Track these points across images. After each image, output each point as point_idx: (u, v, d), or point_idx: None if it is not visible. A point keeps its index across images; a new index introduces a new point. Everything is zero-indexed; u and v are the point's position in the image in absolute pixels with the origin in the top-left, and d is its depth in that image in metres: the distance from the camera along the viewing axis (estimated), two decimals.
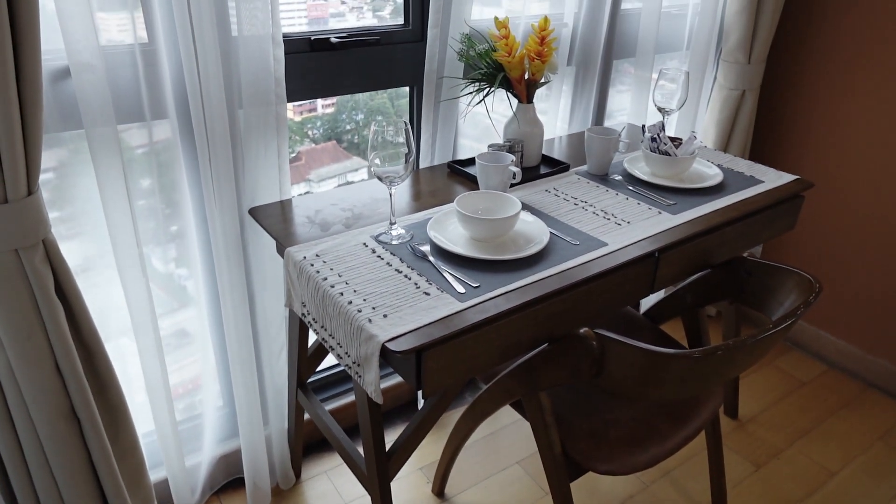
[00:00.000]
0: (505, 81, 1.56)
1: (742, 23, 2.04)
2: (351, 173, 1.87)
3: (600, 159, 1.61)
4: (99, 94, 1.15)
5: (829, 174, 2.21)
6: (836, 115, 2.16)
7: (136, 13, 1.19)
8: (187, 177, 1.38)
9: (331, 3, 1.59)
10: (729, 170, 1.69)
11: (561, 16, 1.84)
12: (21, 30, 0.92)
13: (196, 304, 1.51)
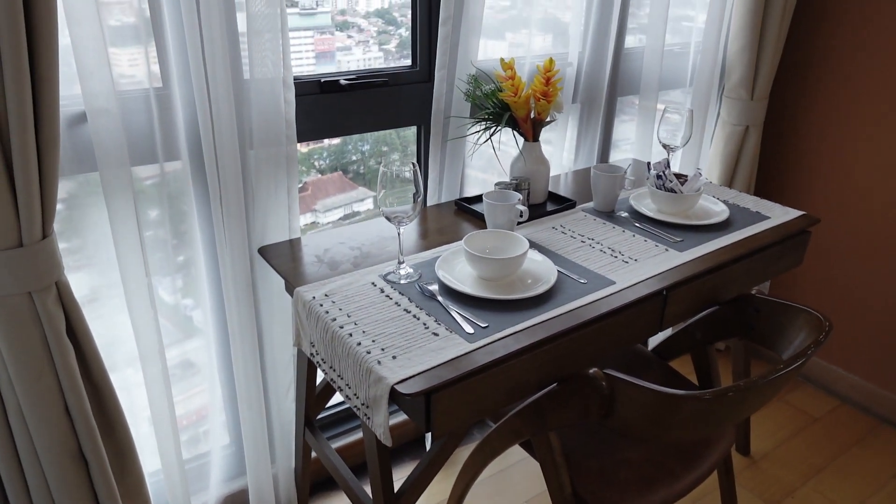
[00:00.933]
0: (511, 120, 1.58)
1: (744, 61, 2.07)
2: (357, 203, 1.89)
3: (606, 196, 1.62)
4: (114, 138, 1.17)
5: (835, 209, 2.21)
6: (840, 150, 2.17)
7: (149, 47, 1.22)
8: (198, 216, 1.40)
9: (337, 38, 1.63)
10: (735, 205, 1.70)
11: (565, 55, 1.87)
12: (41, 77, 0.95)
13: (204, 338, 1.52)
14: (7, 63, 0.90)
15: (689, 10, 2.16)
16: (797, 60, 2.22)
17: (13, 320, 1.04)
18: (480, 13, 1.56)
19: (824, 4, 2.12)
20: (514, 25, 1.82)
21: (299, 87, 1.43)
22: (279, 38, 1.28)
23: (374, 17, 1.67)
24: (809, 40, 2.18)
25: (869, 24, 2.03)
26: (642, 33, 2.07)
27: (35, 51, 0.93)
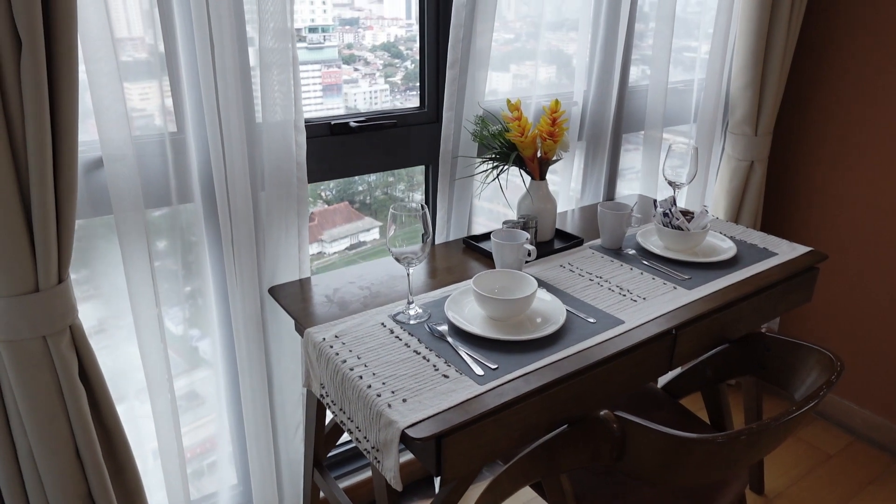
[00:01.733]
0: (518, 160, 1.60)
1: (747, 98, 2.10)
2: (363, 233, 1.90)
3: (613, 234, 1.63)
4: (129, 182, 1.19)
5: (843, 244, 2.21)
6: (846, 184, 2.18)
7: (165, 97, 1.25)
8: (210, 257, 1.41)
9: (344, 71, 1.67)
10: (742, 241, 1.71)
11: (571, 94, 1.90)
12: (61, 127, 0.97)
13: (212, 370, 1.52)
14: (29, 115, 0.93)
15: (692, 42, 2.20)
16: (800, 96, 2.25)
17: (27, 364, 1.05)
18: (487, 53, 1.59)
19: (825, 42, 2.16)
20: (519, 57, 1.85)
21: (310, 129, 1.46)
22: (290, 72, 1.31)
23: (380, 50, 1.71)
24: (812, 77, 2.21)
25: (870, 61, 2.06)
26: (646, 64, 2.10)
27: (56, 102, 0.96)
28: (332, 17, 1.61)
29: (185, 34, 1.23)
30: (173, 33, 1.22)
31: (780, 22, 2.02)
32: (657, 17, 1.94)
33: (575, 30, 1.86)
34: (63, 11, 0.91)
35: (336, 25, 1.62)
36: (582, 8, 1.81)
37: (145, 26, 1.20)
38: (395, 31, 1.72)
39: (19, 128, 0.94)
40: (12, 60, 0.92)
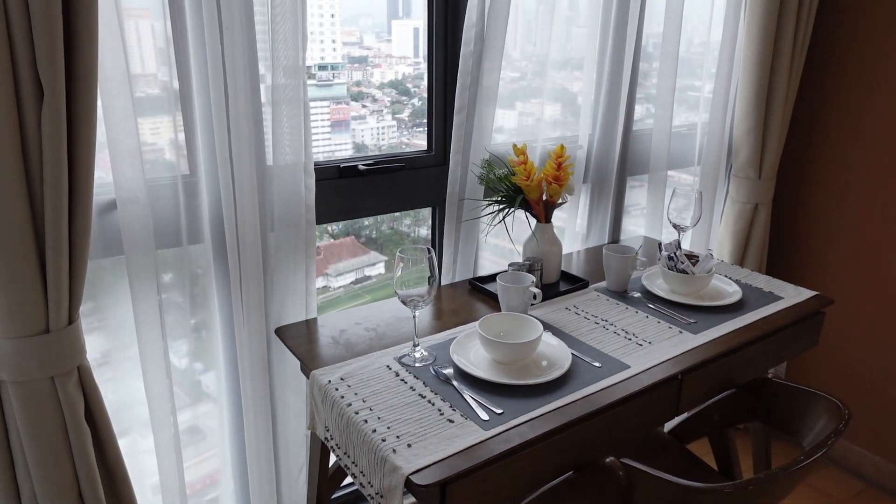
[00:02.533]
0: (524, 203, 1.62)
1: (750, 142, 2.13)
2: (368, 268, 1.91)
3: (619, 276, 1.64)
4: (142, 224, 1.22)
5: (849, 288, 2.21)
6: (850, 228, 2.19)
7: (179, 141, 1.28)
8: (217, 297, 1.43)
9: (352, 108, 1.70)
10: (747, 285, 1.71)
11: (576, 137, 1.93)
12: (77, 172, 1.00)
13: (217, 409, 1.51)
14: (47, 161, 0.95)
15: (696, 81, 2.23)
16: (803, 140, 2.28)
17: (34, 405, 1.05)
18: (495, 91, 1.62)
19: (827, 87, 2.19)
20: (525, 96, 1.89)
21: (319, 171, 1.48)
22: (300, 112, 1.34)
23: (388, 87, 1.75)
24: (814, 121, 2.24)
25: (872, 106, 2.09)
26: (650, 103, 2.13)
27: (73, 149, 0.99)
28: (342, 56, 1.65)
29: (199, 71, 1.26)
30: (188, 71, 1.25)
31: (781, 68, 2.06)
32: (661, 57, 1.98)
33: (580, 69, 1.90)
34: (85, 63, 0.95)
35: (345, 63, 1.67)
36: (587, 47, 1.85)
37: (159, 63, 1.24)
38: (402, 69, 1.76)
39: (37, 173, 0.97)
40: (34, 108, 0.95)
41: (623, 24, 1.83)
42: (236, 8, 1.21)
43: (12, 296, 1.00)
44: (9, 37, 0.91)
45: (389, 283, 1.99)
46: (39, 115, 0.95)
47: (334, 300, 1.90)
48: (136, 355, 1.30)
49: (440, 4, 1.61)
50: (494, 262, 1.93)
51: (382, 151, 1.74)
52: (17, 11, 0.90)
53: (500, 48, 1.60)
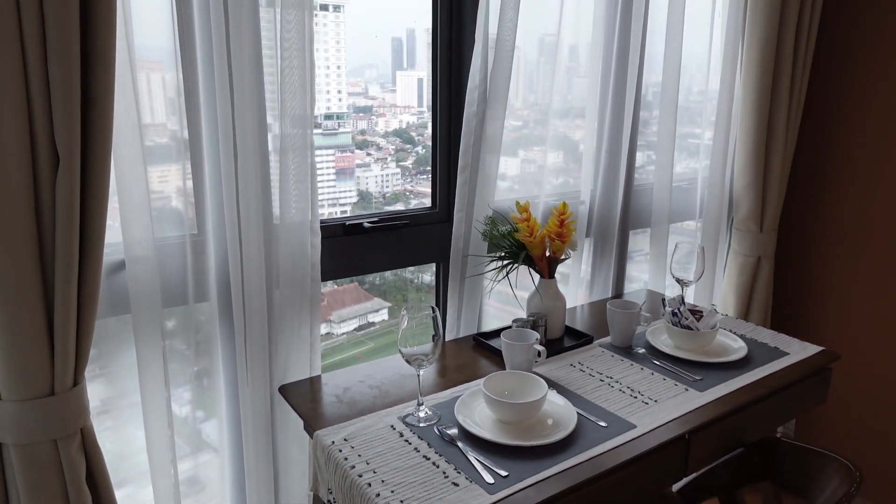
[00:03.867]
0: (527, 259, 1.63)
1: (751, 196, 2.15)
2: (372, 314, 1.91)
3: (623, 332, 1.63)
4: (149, 284, 1.23)
5: (855, 342, 2.20)
6: (854, 281, 2.19)
7: (186, 165, 1.30)
8: (222, 354, 1.43)
9: (357, 156, 1.73)
10: (752, 340, 1.70)
11: (578, 193, 1.96)
12: (89, 236, 1.02)
13: (219, 462, 1.49)
14: (60, 226, 0.97)
15: (696, 129, 2.27)
16: (804, 193, 2.31)
17: (35, 468, 1.05)
18: (499, 139, 1.65)
19: (825, 140, 2.23)
20: (527, 143, 1.92)
21: (324, 229, 1.51)
22: (307, 169, 1.36)
23: (392, 136, 1.79)
24: (814, 174, 2.27)
25: (870, 159, 2.12)
26: (650, 150, 2.16)
27: (86, 214, 1.01)
28: (347, 105, 1.70)
29: (209, 121, 1.30)
30: (198, 120, 1.28)
31: (778, 123, 2.10)
32: (660, 105, 2.02)
33: (581, 117, 1.94)
34: (101, 130, 0.98)
35: (350, 113, 1.71)
36: (588, 96, 1.89)
37: (168, 113, 1.28)
38: (406, 118, 1.80)
39: (49, 237, 0.99)
40: (49, 173, 0.97)
41: (623, 73, 1.88)
42: (247, 60, 1.25)
43: (19, 358, 1.01)
44: (28, 103, 0.95)
45: (393, 329, 1.99)
46: (54, 180, 0.97)
47: (337, 347, 1.90)
48: (136, 403, 1.29)
49: (444, 57, 1.66)
50: (499, 308, 1.93)
51: (387, 198, 1.77)
52: (36, 79, 0.93)
53: (504, 103, 1.63)
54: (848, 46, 2.18)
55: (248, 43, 1.25)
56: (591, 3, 1.83)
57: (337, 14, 1.66)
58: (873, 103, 2.10)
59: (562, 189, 1.99)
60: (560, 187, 1.99)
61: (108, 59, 0.97)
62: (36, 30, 0.91)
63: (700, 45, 2.11)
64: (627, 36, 1.85)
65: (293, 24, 1.29)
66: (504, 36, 1.58)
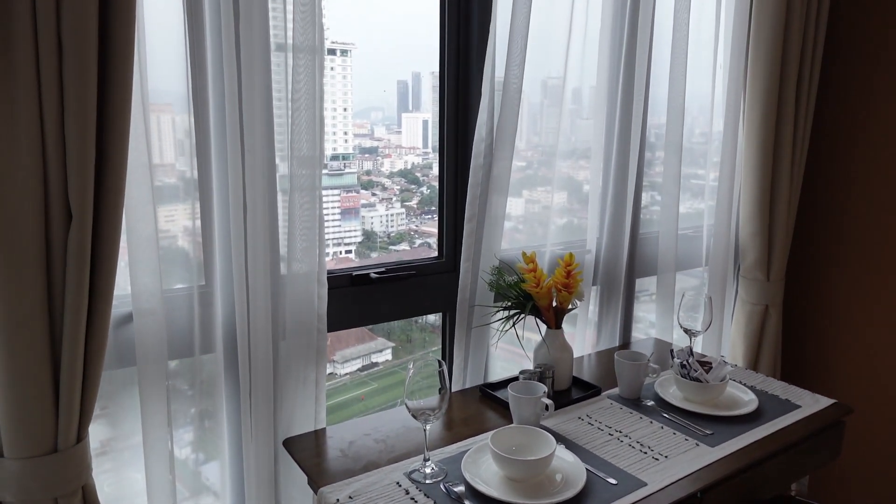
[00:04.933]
0: (534, 309, 1.63)
1: (757, 245, 2.15)
2: (376, 354, 1.90)
3: (631, 384, 1.62)
4: (156, 336, 1.23)
5: (867, 393, 2.16)
6: (866, 331, 2.17)
7: (195, 203, 1.31)
8: (227, 406, 1.42)
9: (362, 196, 1.74)
10: (763, 392, 1.68)
11: (584, 242, 1.97)
12: (98, 293, 1.02)
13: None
14: (70, 283, 0.98)
15: (699, 170, 2.28)
16: (811, 241, 2.30)
17: None
18: (506, 180, 1.66)
19: (830, 190, 2.24)
20: (532, 184, 1.93)
21: (331, 280, 1.51)
22: (315, 200, 1.37)
23: (397, 176, 1.81)
24: (820, 222, 2.28)
25: (875, 209, 2.12)
26: (655, 190, 2.17)
27: (96, 270, 1.01)
28: (353, 147, 1.72)
29: (218, 162, 1.31)
30: (208, 161, 1.30)
31: (782, 172, 2.12)
32: (665, 147, 2.04)
33: (586, 158, 1.96)
34: (113, 190, 0.99)
35: (356, 153, 1.73)
36: (593, 138, 1.92)
37: (177, 153, 1.30)
38: (412, 159, 1.82)
39: (59, 293, 1.00)
40: (61, 230, 0.98)
41: (627, 115, 1.90)
42: (258, 103, 1.28)
43: (23, 414, 1.00)
44: (44, 163, 0.96)
45: (396, 370, 1.97)
46: (66, 237, 0.98)
47: (340, 387, 1.88)
48: (136, 444, 1.27)
49: (451, 100, 1.69)
50: (506, 349, 1.91)
51: (391, 238, 1.77)
52: (52, 139, 0.95)
53: (511, 144, 1.64)
54: (849, 94, 2.21)
55: (259, 86, 1.28)
56: (596, 48, 1.86)
57: (344, 58, 1.70)
58: (877, 150, 2.12)
59: (567, 230, 1.99)
60: (565, 228, 1.99)
61: (123, 122, 0.99)
62: (54, 95, 0.94)
63: (703, 88, 2.14)
64: (631, 79, 1.89)
65: (303, 69, 1.32)
66: (511, 79, 1.61)
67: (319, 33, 1.32)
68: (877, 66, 2.14)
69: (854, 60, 2.19)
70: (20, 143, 0.94)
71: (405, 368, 1.22)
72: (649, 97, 1.96)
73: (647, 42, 1.89)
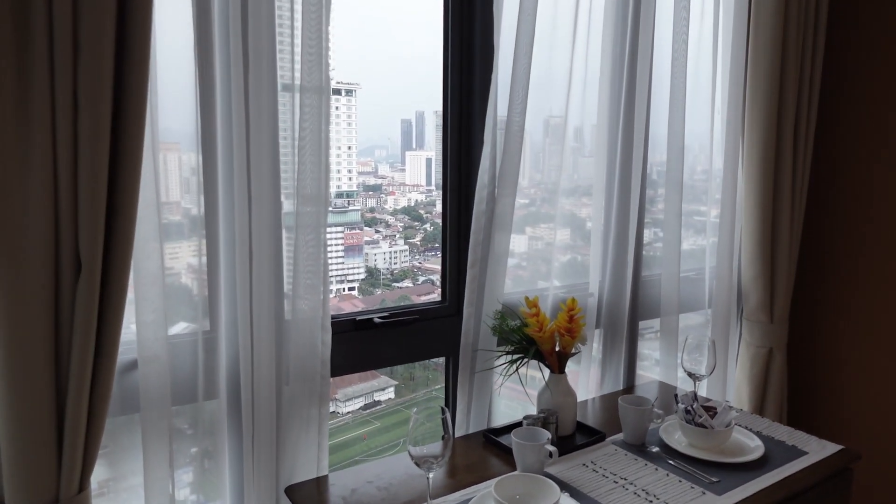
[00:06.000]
0: (537, 353, 1.63)
1: (759, 288, 2.16)
2: (378, 392, 1.88)
3: (636, 430, 1.60)
4: (160, 383, 1.24)
5: (879, 440, 2.13)
6: (873, 374, 2.16)
7: (202, 241, 1.33)
8: (229, 452, 1.41)
9: (366, 233, 1.76)
10: (769, 437, 1.66)
11: (586, 285, 1.98)
12: (104, 343, 1.04)
13: None
14: (77, 332, 0.99)
15: (701, 206, 2.30)
16: (814, 282, 2.31)
17: None
18: (510, 217, 1.68)
19: (832, 230, 2.25)
20: (535, 220, 1.95)
21: (335, 325, 1.51)
22: (319, 238, 1.39)
23: (401, 214, 1.82)
24: (823, 263, 2.28)
25: (879, 249, 2.13)
26: (657, 227, 2.18)
27: (103, 320, 1.03)
28: (357, 184, 1.74)
29: (225, 201, 1.33)
30: (215, 200, 1.32)
31: (783, 216, 2.13)
32: (666, 184, 2.06)
33: (588, 195, 1.98)
34: (122, 241, 1.02)
35: (360, 191, 1.75)
36: (595, 176, 1.94)
37: (183, 192, 1.32)
38: (415, 197, 1.84)
39: (66, 342, 1.01)
40: (71, 279, 1.00)
41: (628, 153, 1.93)
42: (265, 142, 1.31)
43: (26, 463, 1.00)
44: (56, 213, 0.99)
45: (399, 408, 1.96)
46: (75, 286, 1.00)
47: (342, 427, 1.87)
48: (136, 485, 1.26)
49: (454, 138, 1.72)
50: (511, 388, 1.89)
51: (395, 275, 1.78)
52: (66, 191, 0.98)
53: (514, 182, 1.67)
54: (847, 133, 2.24)
55: (266, 126, 1.31)
56: (596, 87, 1.90)
57: (349, 98, 1.74)
58: (879, 190, 2.14)
59: (570, 266, 1.99)
60: (568, 265, 2.00)
61: (134, 176, 1.02)
62: (69, 153, 0.97)
63: (702, 126, 2.17)
64: (632, 118, 1.92)
65: (310, 108, 1.35)
66: (514, 119, 1.65)
67: (326, 74, 1.36)
68: (873, 105, 2.17)
69: (852, 99, 2.23)
70: (33, 196, 0.96)
71: (408, 407, 1.22)
72: (650, 135, 1.99)
73: (647, 81, 1.93)
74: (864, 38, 2.18)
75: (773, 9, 2.03)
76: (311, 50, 1.34)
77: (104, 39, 0.96)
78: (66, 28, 0.95)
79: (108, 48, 0.97)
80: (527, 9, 1.61)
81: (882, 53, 2.14)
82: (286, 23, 1.36)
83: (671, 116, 2.02)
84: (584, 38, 1.82)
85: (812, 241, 2.31)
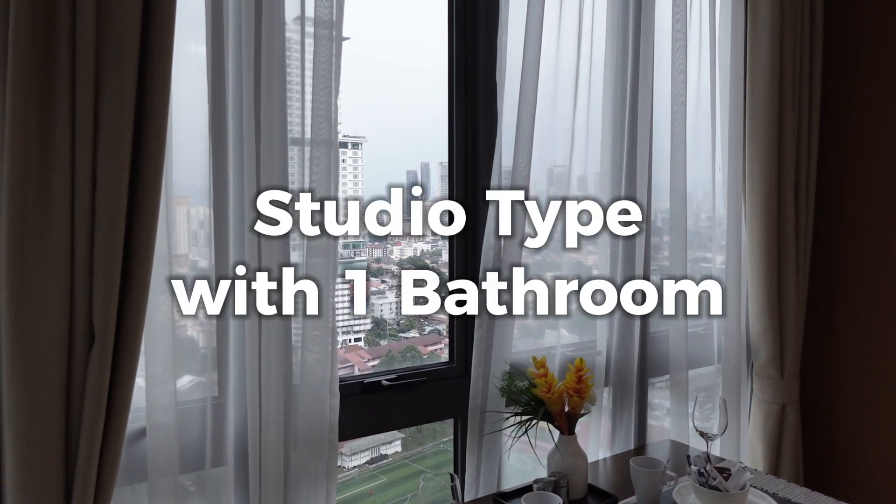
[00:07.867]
0: (546, 415, 1.62)
1: (768, 342, 2.14)
2: (384, 446, 1.85)
3: (648, 492, 1.57)
4: (168, 450, 1.23)
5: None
6: (890, 431, 2.12)
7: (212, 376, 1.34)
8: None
9: (372, 283, 1.76)
10: (785, 500, 1.63)
11: (594, 343, 1.97)
12: (113, 412, 1.04)
13: None
14: (88, 402, 1.00)
15: (707, 253, 2.29)
16: (826, 336, 2.28)
17: None
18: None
19: (839, 283, 2.25)
20: (541, 269, 1.94)
21: (343, 388, 1.51)
22: (329, 287, 1.40)
23: (406, 263, 1.83)
24: (834, 314, 2.26)
25: (886, 304, 2.12)
26: (663, 274, 2.17)
27: (113, 389, 1.04)
28: (363, 235, 1.76)
29: (237, 256, 1.34)
30: (226, 252, 1.33)
31: (788, 266, 2.13)
32: (670, 231, 2.07)
33: (594, 243, 1.98)
34: (135, 312, 1.03)
35: (366, 242, 1.77)
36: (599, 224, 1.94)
37: (190, 244, 1.35)
38: (421, 246, 1.85)
39: (76, 411, 1.01)
40: (83, 350, 1.02)
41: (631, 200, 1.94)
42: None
43: None
44: (71, 285, 1.01)
45: (407, 462, 1.92)
46: (87, 357, 1.01)
47: (348, 482, 1.83)
48: None
49: (460, 189, 1.75)
50: (521, 442, 1.86)
51: (401, 325, 1.78)
52: (81, 262, 1.00)
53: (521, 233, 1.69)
54: (848, 180, 2.26)
55: (277, 178, 1.34)
56: (599, 137, 1.93)
57: (356, 150, 1.78)
58: (885, 236, 2.13)
59: (577, 317, 1.98)
60: (576, 316, 1.99)
61: (147, 251, 1.05)
62: (86, 228, 1.00)
63: (704, 173, 2.19)
64: (634, 165, 1.95)
65: (319, 160, 1.39)
66: (518, 169, 1.68)
67: (334, 128, 1.40)
68: (875, 152, 2.19)
69: (853, 148, 2.25)
70: (52, 267, 0.99)
71: (416, 461, 1.20)
72: (652, 183, 2.02)
73: (648, 130, 1.95)
74: (861, 97, 2.23)
75: (767, 64, 2.08)
76: (321, 105, 1.38)
77: (123, 119, 1.00)
78: (87, 107, 1.00)
79: (126, 126, 1.01)
80: (530, 60, 1.66)
81: (880, 97, 2.18)
82: (296, 80, 1.40)
83: (673, 162, 2.04)
84: (586, 87, 1.86)
85: (821, 294, 2.30)
